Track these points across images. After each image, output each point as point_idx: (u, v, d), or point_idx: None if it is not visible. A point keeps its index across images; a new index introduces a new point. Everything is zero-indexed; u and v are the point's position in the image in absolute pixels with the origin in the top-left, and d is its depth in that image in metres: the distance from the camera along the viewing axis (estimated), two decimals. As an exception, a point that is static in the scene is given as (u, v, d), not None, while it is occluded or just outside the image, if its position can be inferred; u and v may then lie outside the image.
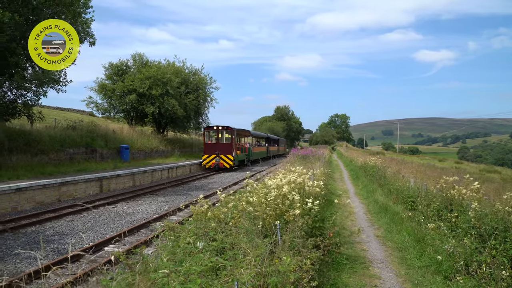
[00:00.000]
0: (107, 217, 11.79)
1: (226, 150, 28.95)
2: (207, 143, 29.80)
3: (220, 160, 28.47)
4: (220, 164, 28.43)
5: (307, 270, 3.98)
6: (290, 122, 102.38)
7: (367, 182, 18.89)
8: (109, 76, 33.31)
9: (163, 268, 3.62)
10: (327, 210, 10.22)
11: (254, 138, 43.28)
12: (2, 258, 7.78)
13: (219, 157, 28.51)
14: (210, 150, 28.97)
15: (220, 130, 30.01)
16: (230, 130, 29.90)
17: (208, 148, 29.26)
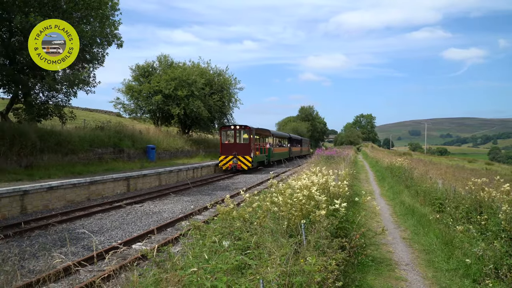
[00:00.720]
0: (134, 216, 12.05)
1: (244, 151, 27.31)
2: (224, 144, 28.21)
3: (237, 161, 26.84)
4: (237, 165, 26.82)
5: (332, 270, 3.98)
6: (315, 122, 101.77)
7: (393, 183, 18.60)
8: (135, 77, 34.02)
9: (190, 265, 3.70)
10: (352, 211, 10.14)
11: (275, 138, 41.47)
12: (35, 254, 8.06)
13: (237, 158, 26.88)
14: (227, 151, 27.36)
15: (238, 129, 28.55)
16: (248, 129, 28.32)
17: (225, 148, 27.67)
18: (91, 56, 19.72)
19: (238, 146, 27.75)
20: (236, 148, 27.42)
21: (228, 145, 27.92)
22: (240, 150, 27.28)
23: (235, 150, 27.12)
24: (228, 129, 29.20)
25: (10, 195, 11.59)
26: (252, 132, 28.34)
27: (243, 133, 28.80)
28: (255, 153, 28.72)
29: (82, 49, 18.68)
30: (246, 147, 27.60)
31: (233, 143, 28.13)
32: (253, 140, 28.24)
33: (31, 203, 12.37)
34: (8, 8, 15.11)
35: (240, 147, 27.55)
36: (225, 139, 28.95)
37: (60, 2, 16.56)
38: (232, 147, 27.49)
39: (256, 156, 28.90)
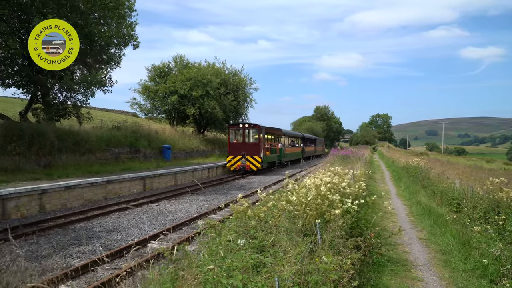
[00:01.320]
0: (150, 215, 12.18)
1: (253, 151, 25.91)
2: (232, 143, 26.91)
3: (246, 162, 25.46)
4: (246, 166, 25.44)
5: (348, 269, 3.97)
6: (330, 122, 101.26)
7: (410, 183, 18.39)
8: (151, 78, 34.36)
9: (206, 263, 3.73)
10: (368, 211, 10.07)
11: (287, 137, 39.66)
12: (53, 252, 8.21)
13: (245, 158, 25.49)
14: (235, 151, 26.01)
15: (247, 128, 26.92)
16: (257, 128, 26.76)
17: (233, 148, 26.32)
18: (108, 57, 20.01)
19: (247, 145, 26.39)
20: (245, 147, 26.09)
21: (236, 144, 26.80)
22: (249, 150, 25.97)
23: (243, 150, 25.80)
24: (236, 128, 27.87)
25: (29, 194, 11.83)
26: (262, 131, 27.03)
27: (252, 132, 27.46)
28: (265, 153, 27.44)
29: (99, 50, 19.00)
30: (256, 147, 26.27)
31: (242, 143, 26.86)
32: (263, 139, 26.99)
33: (49, 202, 12.61)
34: (27, 9, 15.43)
35: (249, 147, 26.20)
36: (233, 138, 27.87)
37: (78, 3, 16.83)
38: (241, 147, 26.19)
39: (266, 156, 27.69)
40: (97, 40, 18.08)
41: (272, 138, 36.16)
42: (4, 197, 11.02)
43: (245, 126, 26.86)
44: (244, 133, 26.99)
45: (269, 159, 28.64)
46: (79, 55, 18.05)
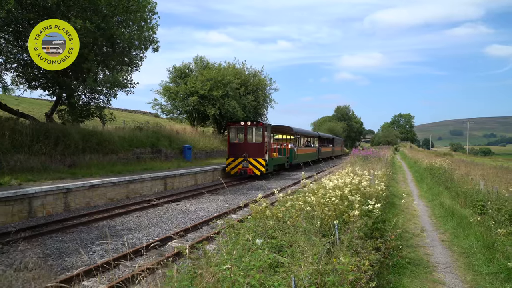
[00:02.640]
0: (171, 214, 12.34)
1: (256, 152, 22.85)
2: (232, 143, 23.83)
3: (248, 164, 22.49)
4: (248, 170, 22.44)
5: (366, 270, 3.95)
6: (351, 122, 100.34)
7: (432, 185, 18.06)
8: (172, 79, 34.79)
9: (224, 262, 3.77)
10: (389, 212, 9.95)
11: (299, 137, 35.97)
12: (77, 249, 8.43)
13: (247, 161, 22.51)
14: (235, 152, 23.14)
15: (249, 126, 23.56)
16: (261, 126, 23.51)
17: (233, 149, 23.42)
18: (129, 59, 20.36)
19: (249, 146, 23.23)
20: (247, 148, 23.03)
21: (237, 145, 23.75)
22: (251, 151, 22.94)
23: (245, 151, 22.83)
24: (237, 126, 24.42)
25: (54, 193, 12.16)
26: (267, 129, 23.92)
27: (255, 131, 24.13)
28: (271, 154, 24.40)
29: (121, 52, 19.36)
30: (259, 148, 23.09)
31: (243, 143, 23.61)
32: (268, 139, 23.81)
33: (74, 200, 12.93)
34: (52, 13, 15.86)
35: (251, 148, 23.11)
36: (233, 137, 24.76)
37: (101, 6, 17.19)
38: (242, 148, 23.15)
39: (273, 158, 24.69)
40: (119, 42, 18.43)
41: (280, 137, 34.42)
42: (31, 195, 11.36)
43: (247, 124, 23.60)
44: (246, 131, 23.75)
45: (276, 161, 25.62)
46: (102, 57, 18.55)
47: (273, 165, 24.68)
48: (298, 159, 31.14)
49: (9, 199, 10.73)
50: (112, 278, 6.62)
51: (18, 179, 12.51)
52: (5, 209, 10.66)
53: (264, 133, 23.33)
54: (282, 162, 27.09)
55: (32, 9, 15.49)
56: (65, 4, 15.98)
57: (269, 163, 23.36)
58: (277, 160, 25.64)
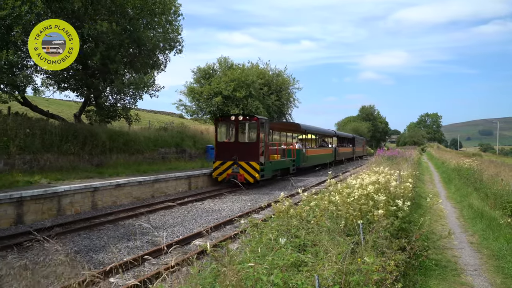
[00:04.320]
0: (195, 213, 12.47)
1: (249, 154, 18.36)
2: (220, 143, 19.46)
3: (239, 169, 18.12)
4: (238, 176, 17.90)
5: (391, 271, 3.88)
6: (376, 122, 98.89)
7: (461, 186, 17.60)
8: (197, 79, 35.10)
9: (247, 261, 3.78)
10: (415, 213, 9.75)
11: (310, 135, 31.53)
12: (104, 247, 8.62)
13: (238, 164, 18.21)
14: (224, 154, 18.76)
15: (241, 121, 19.14)
16: (255, 121, 19.02)
17: (222, 150, 19.05)
18: (154, 61, 20.68)
19: (240, 146, 18.91)
20: (238, 149, 18.67)
21: (225, 145, 19.43)
22: (243, 152, 18.53)
23: (236, 153, 18.46)
24: (226, 121, 20.13)
25: (82, 192, 12.48)
26: (264, 125, 19.57)
27: (248, 127, 19.88)
28: (269, 156, 20.19)
29: (147, 54, 19.70)
30: (253, 148, 18.69)
31: (234, 142, 19.38)
32: (265, 137, 19.45)
33: (101, 199, 13.23)
34: (80, 17, 16.28)
35: (243, 148, 18.77)
36: (222, 135, 20.60)
37: (127, 9, 17.54)
38: (232, 148, 18.83)
39: (272, 161, 20.27)
40: (145, 44, 18.75)
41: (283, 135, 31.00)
42: (60, 194, 11.69)
43: (238, 118, 19.19)
44: (237, 128, 19.48)
45: (277, 165, 21.14)
46: (129, 59, 18.92)
47: (272, 170, 20.26)
48: (308, 161, 26.81)
49: (40, 197, 11.08)
50: (137, 275, 6.74)
51: (47, 178, 12.90)
52: (36, 207, 11.01)
53: (259, 130, 18.91)
54: (286, 165, 22.70)
55: (60, 12, 15.93)
56: (93, 8, 16.38)
57: (267, 167, 19.10)
58: (278, 164, 21.31)
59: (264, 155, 18.94)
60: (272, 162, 20.24)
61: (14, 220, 10.45)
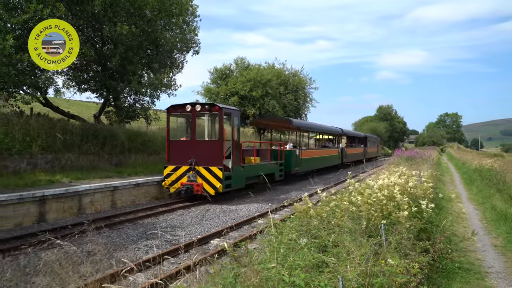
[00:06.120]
0: (212, 213, 12.49)
1: (211, 156, 13.98)
2: (173, 142, 15.01)
3: (196, 177, 13.85)
4: (195, 187, 13.69)
5: (415, 273, 3.80)
6: (394, 122, 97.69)
7: (483, 187, 17.21)
8: (213, 80, 35.31)
9: (268, 261, 3.75)
10: (437, 214, 9.57)
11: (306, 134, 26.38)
12: (123, 245, 8.71)
13: (195, 171, 13.90)
14: (177, 156, 14.47)
15: (199, 113, 14.49)
16: (217, 111, 14.21)
17: (174, 151, 14.71)
18: (172, 62, 20.85)
19: (199, 146, 14.40)
20: (196, 150, 14.25)
21: (180, 144, 14.98)
22: (202, 154, 14.10)
23: (193, 155, 14.11)
24: (180, 112, 15.25)
25: (102, 191, 12.66)
26: (231, 118, 14.82)
27: (209, 121, 15.60)
28: (243, 159, 16.07)
29: (164, 55, 19.88)
30: (214, 149, 14.15)
31: (190, 141, 14.68)
32: (235, 134, 14.58)
33: (120, 198, 13.39)
34: (100, 19, 16.53)
35: (202, 149, 14.28)
36: (176, 132, 16.86)
37: (145, 11, 17.73)
38: (189, 149, 14.38)
39: (246, 166, 15.76)
40: (163, 45, 18.91)
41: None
42: (80, 193, 11.88)
43: (195, 108, 14.37)
44: (194, 122, 14.76)
45: (253, 170, 16.22)
46: (147, 60, 19.11)
47: (246, 177, 15.65)
48: (303, 165, 21.87)
49: (61, 196, 11.28)
50: (156, 274, 6.77)
51: (69, 177, 13.13)
52: (57, 205, 11.21)
53: (223, 123, 14.37)
54: (268, 171, 17.68)
55: (81, 15, 16.20)
56: (112, 10, 16.61)
57: (236, 174, 14.64)
58: (256, 169, 16.42)
59: (233, 158, 14.49)
60: (246, 167, 15.65)
61: (37, 218, 10.66)
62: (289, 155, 20.28)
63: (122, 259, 7.66)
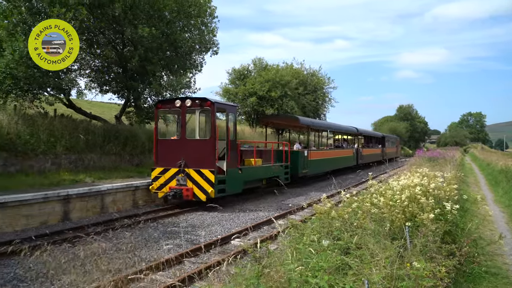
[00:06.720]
0: (232, 213, 12.51)
1: (201, 158, 12.69)
2: (161, 141, 13.77)
3: (186, 180, 12.63)
4: (184, 192, 12.49)
5: (442, 277, 3.71)
6: (414, 122, 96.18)
7: (509, 189, 16.74)
8: (232, 80, 35.43)
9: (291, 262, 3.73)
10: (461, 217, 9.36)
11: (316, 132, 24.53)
12: (145, 244, 8.79)
13: (185, 174, 12.66)
14: (166, 157, 13.25)
15: (189, 108, 13.20)
16: (208, 107, 12.95)
17: (163, 151, 13.45)
18: (191, 63, 20.99)
19: (189, 146, 13.16)
20: (186, 150, 12.98)
21: (169, 144, 13.71)
22: (193, 155, 12.82)
23: (183, 155, 12.85)
24: (169, 108, 14.07)
25: (124, 190, 12.84)
26: (228, 115, 13.77)
27: (200, 117, 14.12)
28: (242, 161, 14.86)
29: (183, 56, 20.04)
30: (206, 149, 12.76)
31: (180, 140, 13.55)
32: (230, 131, 13.51)
33: (141, 198, 13.56)
34: (120, 21, 16.78)
35: (193, 149, 13.00)
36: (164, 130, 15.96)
37: (165, 13, 17.92)
38: (178, 149, 13.13)
39: (245, 168, 14.40)
40: (181, 46, 19.06)
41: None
42: (103, 192, 12.08)
43: (185, 103, 13.09)
44: (184, 118, 13.64)
45: (253, 173, 15.06)
46: (166, 61, 19.29)
47: (244, 181, 14.28)
48: (312, 168, 20.33)
49: (84, 195, 11.49)
50: (178, 273, 6.82)
51: (91, 177, 13.36)
52: (81, 204, 11.43)
53: (215, 120, 13.02)
54: (272, 174, 16.34)
55: (102, 18, 16.48)
56: (132, 13, 16.84)
57: (231, 178, 13.27)
58: (256, 172, 15.26)
59: (228, 159, 13.14)
60: (244, 170, 14.29)
61: (62, 217, 10.90)
62: (296, 156, 18.75)
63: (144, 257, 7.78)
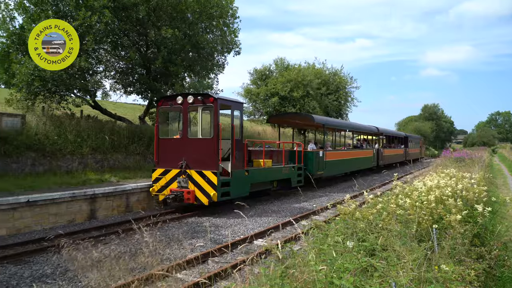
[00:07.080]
0: (254, 213, 12.54)
1: (204, 158, 11.93)
2: (163, 141, 13.00)
3: (188, 182, 11.92)
4: (185, 194, 11.72)
5: (471, 281, 3.62)
6: (440, 122, 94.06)
7: (540, 190, 16.19)
8: (253, 81, 35.54)
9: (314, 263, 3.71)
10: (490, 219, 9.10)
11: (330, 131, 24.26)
12: (169, 243, 8.89)
13: (187, 175, 11.96)
14: (167, 158, 12.60)
15: (191, 105, 12.37)
16: (211, 103, 11.99)
17: (164, 151, 12.77)
18: (213, 64, 21.15)
19: (191, 146, 12.35)
20: (188, 150, 12.26)
21: (170, 143, 12.87)
22: (195, 155, 12.10)
23: (184, 155, 12.18)
24: (170, 105, 13.01)
25: (148, 190, 13.04)
26: (233, 112, 12.77)
27: (203, 115, 13.66)
28: (250, 162, 14.07)
29: (205, 57, 20.21)
30: (209, 149, 11.92)
31: (182, 139, 12.64)
32: (232, 130, 12.47)
33: (165, 197, 13.72)
34: (144, 24, 17.06)
35: (195, 149, 12.22)
36: (166, 129, 14.79)
37: (187, 14, 18.12)
38: (180, 149, 12.38)
39: (251, 170, 13.47)
40: (204, 48, 19.24)
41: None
42: (128, 191, 12.31)
43: (187, 100, 12.29)
44: (186, 116, 12.69)
45: (262, 175, 14.18)
46: (188, 63, 19.49)
47: (250, 183, 13.32)
48: (328, 169, 19.36)
49: (110, 194, 11.73)
50: (202, 272, 6.88)
51: (117, 177, 13.63)
52: (107, 203, 11.68)
53: (218, 118, 11.98)
54: (283, 176, 15.45)
55: (126, 20, 16.80)
56: (156, 15, 17.10)
57: (236, 180, 12.44)
58: (264, 174, 14.34)
59: (233, 160, 12.31)
60: (252, 171, 13.42)
61: (88, 215, 11.16)
62: (311, 157, 17.67)
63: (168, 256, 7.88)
